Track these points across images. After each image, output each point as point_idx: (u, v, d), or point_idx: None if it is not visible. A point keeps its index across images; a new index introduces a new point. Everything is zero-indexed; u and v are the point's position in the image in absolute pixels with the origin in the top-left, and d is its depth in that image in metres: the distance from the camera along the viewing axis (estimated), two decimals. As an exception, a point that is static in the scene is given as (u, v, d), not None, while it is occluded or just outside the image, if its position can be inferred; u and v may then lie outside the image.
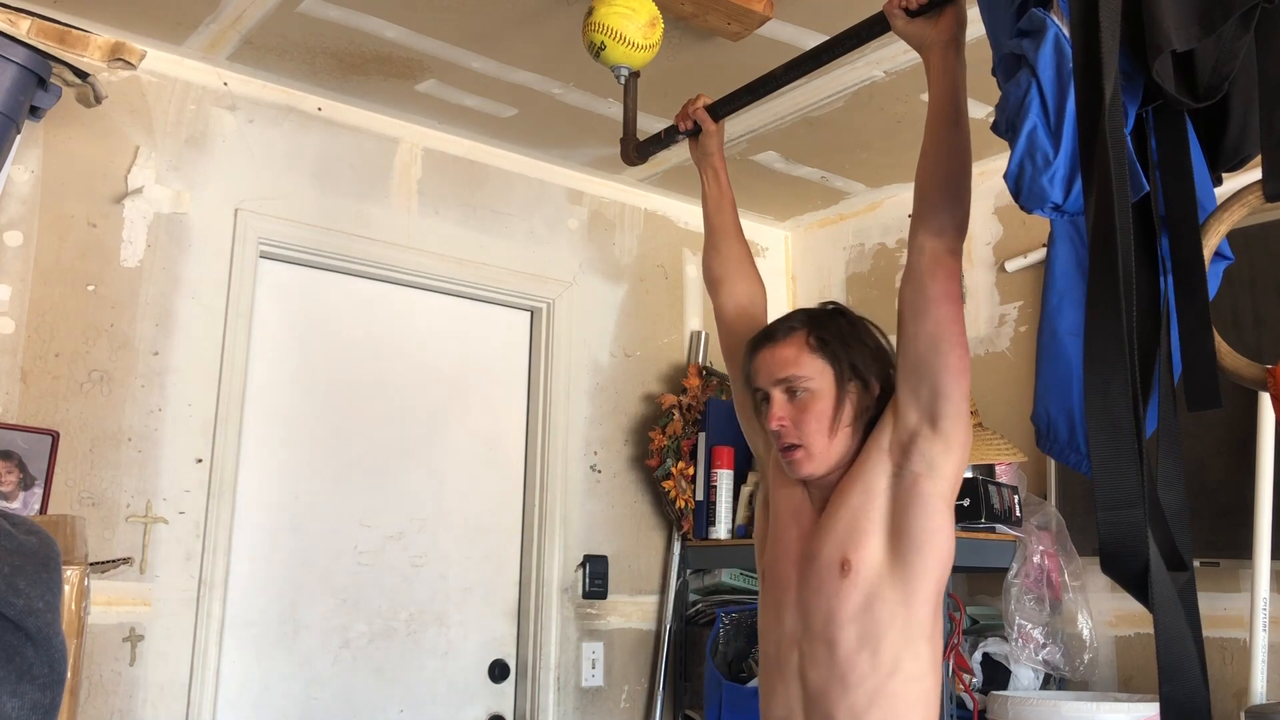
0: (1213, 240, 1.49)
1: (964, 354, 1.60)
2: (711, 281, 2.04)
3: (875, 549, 1.65)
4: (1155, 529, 1.13)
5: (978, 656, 2.80)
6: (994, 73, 1.44)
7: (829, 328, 1.77)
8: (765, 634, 1.80)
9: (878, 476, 1.67)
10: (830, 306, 1.84)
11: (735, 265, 2.01)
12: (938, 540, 1.64)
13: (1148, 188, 1.32)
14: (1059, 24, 1.32)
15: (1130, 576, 1.11)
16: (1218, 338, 1.40)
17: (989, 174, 3.03)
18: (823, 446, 1.72)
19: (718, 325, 2.03)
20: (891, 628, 1.63)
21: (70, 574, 1.91)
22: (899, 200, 3.60)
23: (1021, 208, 1.34)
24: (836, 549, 1.67)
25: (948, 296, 1.58)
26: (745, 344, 1.85)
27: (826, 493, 1.75)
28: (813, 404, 1.72)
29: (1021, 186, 1.31)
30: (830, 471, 1.74)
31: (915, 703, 1.64)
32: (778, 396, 1.74)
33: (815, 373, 1.73)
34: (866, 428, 1.73)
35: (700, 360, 3.63)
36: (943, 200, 1.58)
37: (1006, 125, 1.34)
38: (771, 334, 1.79)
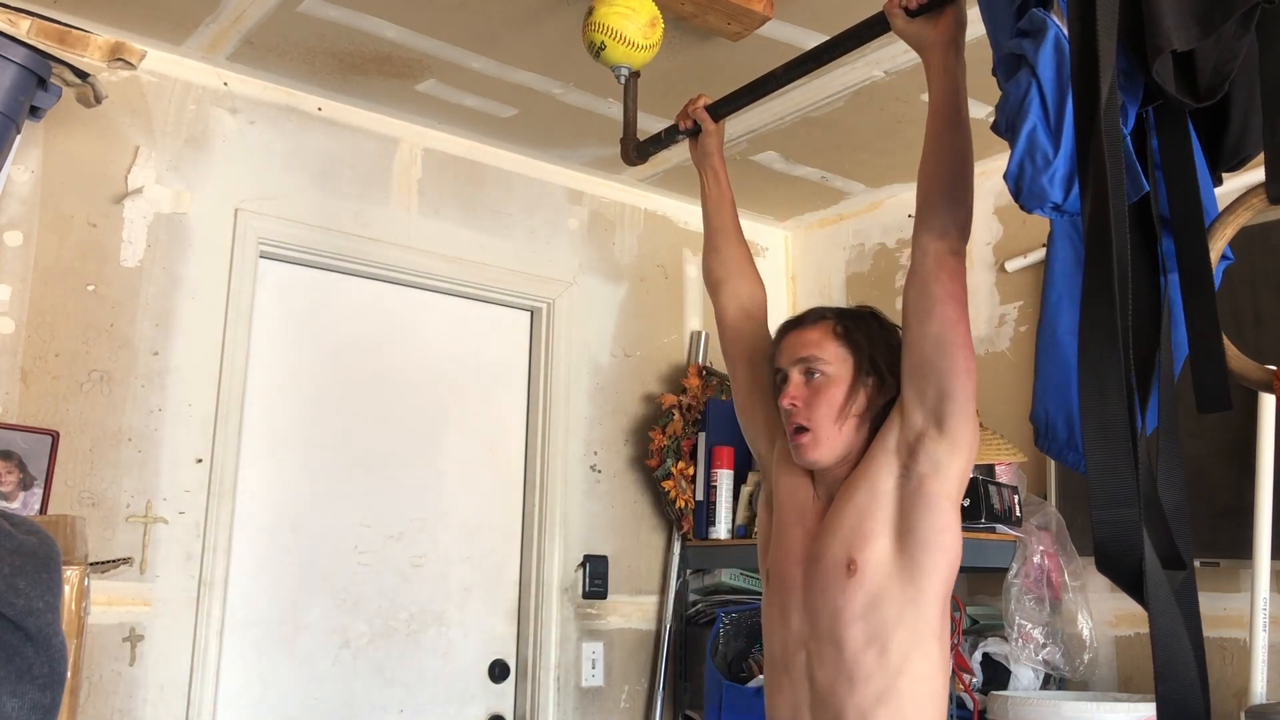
0: (1219, 244, 1.49)
1: (969, 355, 1.60)
2: (712, 283, 2.04)
3: (882, 549, 1.65)
4: (1153, 528, 1.13)
5: (978, 656, 2.80)
6: (994, 73, 1.44)
7: (858, 322, 1.80)
8: (770, 635, 1.79)
9: (884, 477, 1.67)
10: (866, 309, 1.86)
11: (736, 266, 2.01)
12: (945, 540, 1.64)
13: (1148, 187, 1.32)
14: (1059, 24, 1.32)
15: (1125, 576, 1.11)
16: (1225, 340, 1.40)
17: (989, 174, 3.03)
18: (830, 433, 1.73)
19: (719, 327, 2.03)
20: (900, 626, 1.62)
21: (70, 574, 1.91)
22: (899, 200, 3.60)
23: (1022, 208, 1.34)
24: (842, 549, 1.67)
25: (952, 297, 1.58)
26: (772, 330, 1.89)
27: (832, 489, 1.75)
28: (827, 388, 1.74)
29: (1022, 186, 1.31)
30: (836, 464, 1.74)
31: (924, 701, 1.63)
32: (795, 376, 1.77)
33: (835, 358, 1.75)
34: (875, 426, 1.73)
35: (700, 360, 3.63)
36: (945, 201, 1.58)
37: (1006, 125, 1.34)
38: (801, 319, 1.83)
